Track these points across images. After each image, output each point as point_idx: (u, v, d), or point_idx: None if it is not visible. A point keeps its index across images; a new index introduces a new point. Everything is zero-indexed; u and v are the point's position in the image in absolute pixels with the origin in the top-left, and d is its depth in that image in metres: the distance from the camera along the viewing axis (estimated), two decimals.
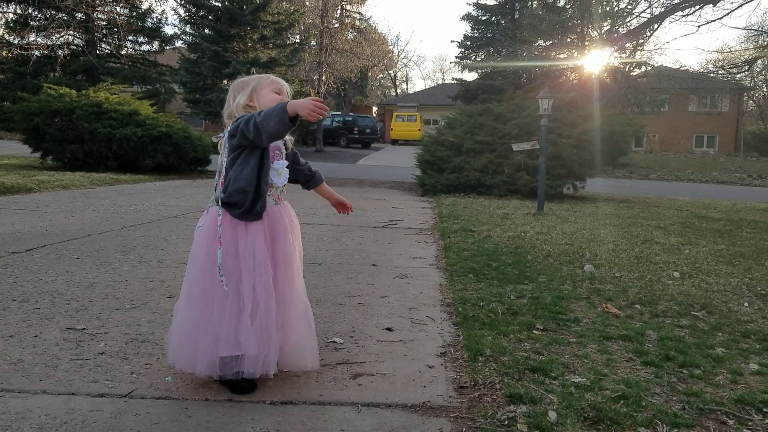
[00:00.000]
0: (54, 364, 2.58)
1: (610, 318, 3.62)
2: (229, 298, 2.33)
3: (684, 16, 11.87)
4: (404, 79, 68.05)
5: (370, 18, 50.51)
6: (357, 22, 34.94)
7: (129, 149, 13.19)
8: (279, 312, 2.42)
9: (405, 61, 65.53)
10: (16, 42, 25.77)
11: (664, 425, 2.22)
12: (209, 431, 2.08)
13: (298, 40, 30.65)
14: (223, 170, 2.43)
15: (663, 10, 12.32)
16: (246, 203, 2.37)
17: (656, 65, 18.96)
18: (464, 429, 2.17)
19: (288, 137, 2.58)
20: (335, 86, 32.03)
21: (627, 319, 3.63)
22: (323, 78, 29.63)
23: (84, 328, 3.05)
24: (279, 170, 2.51)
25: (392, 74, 62.64)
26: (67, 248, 5.04)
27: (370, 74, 47.36)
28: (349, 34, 32.97)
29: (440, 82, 62.69)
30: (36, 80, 24.16)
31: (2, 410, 2.15)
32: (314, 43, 30.35)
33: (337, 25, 31.62)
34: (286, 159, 2.59)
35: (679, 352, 3.02)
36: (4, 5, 26.27)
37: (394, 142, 41.22)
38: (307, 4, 30.72)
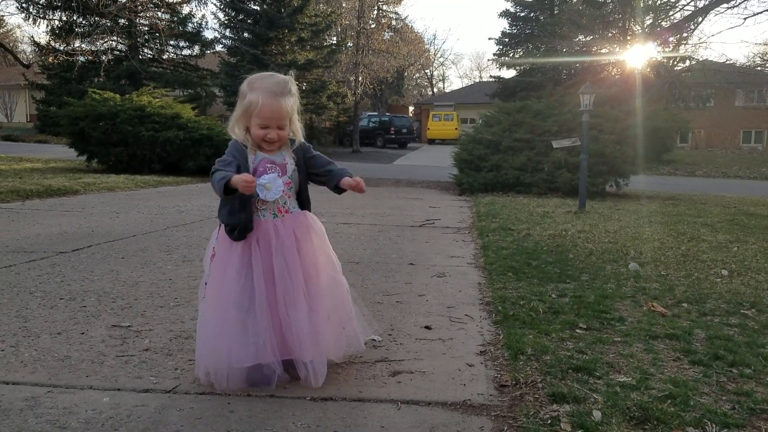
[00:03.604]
0: (100, 361, 2.63)
1: (657, 317, 3.53)
2: (231, 313, 2.38)
3: (729, 8, 11.55)
4: (441, 77, 67.88)
5: (406, 17, 50.35)
6: (393, 22, 35.01)
7: (172, 152, 13.46)
8: (299, 317, 2.43)
9: (441, 59, 65.37)
10: (61, 48, 26.62)
11: (714, 425, 2.15)
12: (251, 426, 2.10)
13: (335, 42, 30.86)
14: None
15: (707, 2, 12.00)
16: (229, 229, 2.45)
17: (701, 59, 18.51)
18: (506, 428, 2.14)
19: (300, 137, 2.54)
20: (372, 86, 32.15)
21: (674, 317, 3.53)
22: (360, 78, 29.73)
23: (129, 326, 3.11)
24: (267, 185, 2.43)
25: (429, 73, 62.52)
26: (112, 248, 5.16)
27: (406, 74, 47.36)
28: (386, 34, 33.04)
29: (477, 80, 62.33)
30: (81, 85, 24.92)
31: (50, 405, 2.21)
32: (351, 44, 30.50)
33: (373, 26, 31.71)
34: (298, 167, 2.54)
35: (728, 351, 2.93)
36: (50, 12, 27.18)
37: (431, 141, 41.08)
38: (344, 5, 30.87)
